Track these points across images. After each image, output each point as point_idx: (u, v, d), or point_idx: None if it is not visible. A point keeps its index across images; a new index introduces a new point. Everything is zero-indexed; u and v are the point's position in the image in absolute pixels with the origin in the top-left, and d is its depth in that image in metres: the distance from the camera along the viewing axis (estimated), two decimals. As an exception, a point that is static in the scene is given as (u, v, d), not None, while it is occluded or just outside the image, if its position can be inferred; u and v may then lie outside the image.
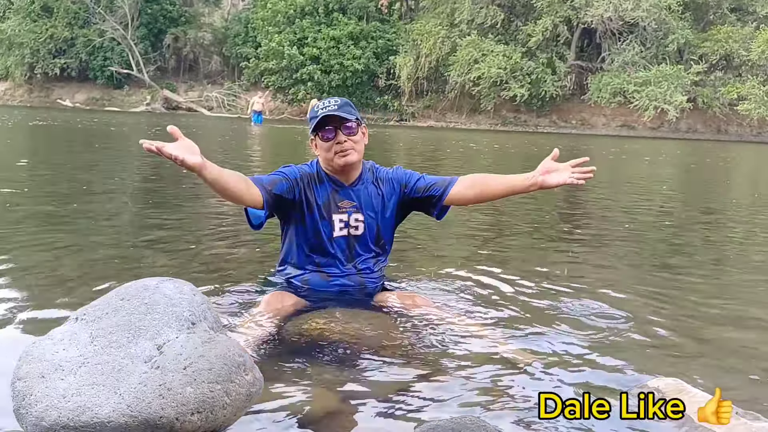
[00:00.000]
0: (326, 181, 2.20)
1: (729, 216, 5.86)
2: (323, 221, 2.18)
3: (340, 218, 2.20)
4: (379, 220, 2.24)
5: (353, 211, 2.21)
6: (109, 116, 26.20)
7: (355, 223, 2.22)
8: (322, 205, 2.18)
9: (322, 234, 2.18)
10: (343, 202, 2.20)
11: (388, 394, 1.61)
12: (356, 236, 2.22)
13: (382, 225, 2.26)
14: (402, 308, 2.17)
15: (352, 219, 2.21)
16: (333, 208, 2.19)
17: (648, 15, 30.78)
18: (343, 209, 2.20)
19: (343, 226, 2.20)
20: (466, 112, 34.50)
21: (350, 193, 2.21)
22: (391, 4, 36.37)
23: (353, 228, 2.22)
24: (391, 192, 2.25)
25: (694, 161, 15.02)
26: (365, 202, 2.22)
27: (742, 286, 3.06)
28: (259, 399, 1.49)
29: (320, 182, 2.20)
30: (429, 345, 1.92)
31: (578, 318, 2.26)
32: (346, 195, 2.21)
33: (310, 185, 2.18)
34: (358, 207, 2.21)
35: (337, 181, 2.20)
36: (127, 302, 1.50)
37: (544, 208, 5.76)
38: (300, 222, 2.19)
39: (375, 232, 2.25)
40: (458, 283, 2.65)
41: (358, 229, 2.22)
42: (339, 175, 2.19)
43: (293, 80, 34.71)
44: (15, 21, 37.50)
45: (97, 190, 5.50)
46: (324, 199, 2.19)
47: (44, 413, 1.27)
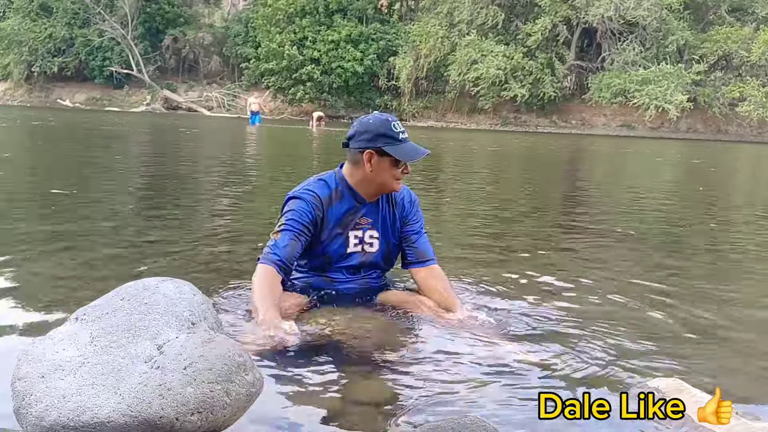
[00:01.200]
0: (348, 196, 2.18)
1: (736, 216, 5.87)
2: (338, 237, 2.19)
3: (356, 234, 2.21)
4: (390, 238, 2.26)
5: (368, 228, 2.22)
6: (109, 116, 26.21)
7: (370, 240, 2.23)
8: (340, 221, 2.18)
9: (332, 256, 2.20)
10: (362, 219, 2.21)
11: (389, 394, 1.61)
12: (370, 253, 2.24)
13: (392, 243, 2.28)
14: (403, 308, 2.17)
15: (367, 236, 2.23)
16: (350, 224, 2.20)
17: (649, 14, 30.79)
18: (359, 226, 2.21)
19: (357, 243, 2.22)
20: (466, 112, 34.51)
21: (369, 210, 2.22)
22: (390, 5, 36.36)
23: (368, 245, 2.23)
24: (400, 213, 2.27)
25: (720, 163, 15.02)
26: (381, 220, 2.24)
27: (742, 286, 3.06)
28: (259, 399, 1.49)
29: (341, 198, 2.18)
30: (429, 345, 1.92)
31: (578, 318, 2.26)
32: (365, 211, 2.21)
33: (330, 205, 2.16)
34: (374, 224, 2.23)
35: (359, 198, 2.19)
36: (127, 302, 1.50)
37: (544, 208, 5.76)
38: (313, 245, 2.18)
39: (386, 250, 2.27)
40: (459, 283, 2.65)
41: (372, 246, 2.24)
42: (368, 193, 2.19)
43: (293, 80, 34.72)
44: (15, 20, 37.50)
45: (97, 190, 5.50)
46: (341, 213, 2.18)
47: (44, 413, 1.27)
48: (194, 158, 10.08)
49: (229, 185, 6.30)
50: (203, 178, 7.15)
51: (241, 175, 7.40)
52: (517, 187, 7.99)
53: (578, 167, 12.31)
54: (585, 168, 12.22)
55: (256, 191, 6.13)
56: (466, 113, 34.38)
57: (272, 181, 7.14)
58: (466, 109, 34.36)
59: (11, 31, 36.90)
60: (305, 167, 9.33)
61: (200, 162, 9.36)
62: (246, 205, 5.07)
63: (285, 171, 8.46)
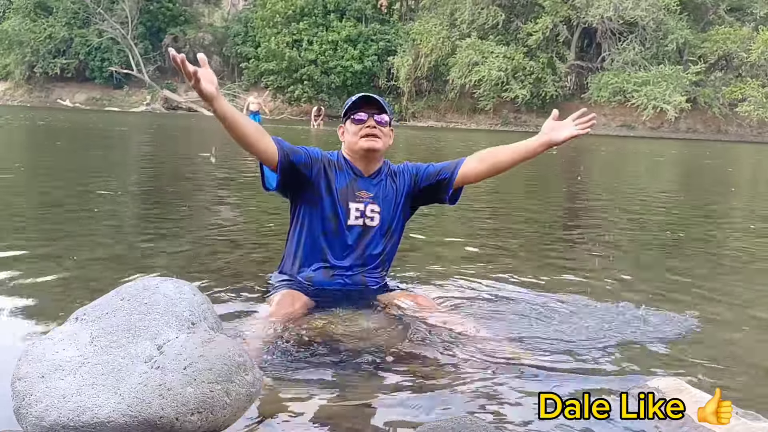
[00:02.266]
0: (346, 169, 2.24)
1: (737, 215, 5.87)
2: (340, 206, 2.22)
3: (357, 207, 2.23)
4: (392, 212, 2.29)
5: (369, 201, 2.25)
6: (110, 116, 26.19)
7: (371, 213, 2.25)
8: (340, 190, 2.22)
9: (339, 217, 2.21)
10: (361, 192, 2.24)
11: (389, 394, 1.61)
12: (370, 227, 2.26)
13: (395, 218, 2.30)
14: (404, 309, 2.17)
15: (368, 209, 2.25)
16: (350, 196, 2.23)
17: (647, 14, 30.79)
18: (359, 199, 2.24)
19: (358, 216, 2.24)
20: (467, 112, 34.50)
21: (368, 184, 2.25)
22: (390, 5, 36.35)
23: (368, 219, 2.25)
24: (403, 184, 2.30)
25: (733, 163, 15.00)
26: (382, 195, 2.27)
27: (742, 286, 3.06)
28: (259, 399, 1.49)
29: (340, 169, 2.24)
30: (430, 345, 1.92)
31: (578, 318, 2.25)
32: (364, 185, 2.25)
33: (331, 168, 2.23)
34: (375, 198, 2.25)
35: (356, 170, 2.24)
36: (127, 302, 1.50)
37: (545, 207, 5.76)
38: (317, 204, 2.21)
39: (387, 226, 2.29)
40: (458, 283, 2.65)
41: (373, 220, 2.26)
42: (360, 163, 2.24)
43: (293, 80, 34.72)
44: (15, 20, 37.47)
45: (97, 190, 5.50)
46: (342, 185, 2.23)
47: (44, 413, 1.27)
48: (195, 158, 10.07)
49: (230, 185, 6.30)
50: (203, 178, 7.14)
51: (241, 175, 7.40)
52: (516, 186, 7.99)
53: (598, 167, 12.32)
54: (596, 168, 12.23)
55: (257, 191, 6.12)
56: (466, 113, 34.38)
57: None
58: (466, 109, 34.35)
59: (12, 31, 36.88)
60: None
61: (200, 161, 9.36)
62: (246, 206, 5.07)
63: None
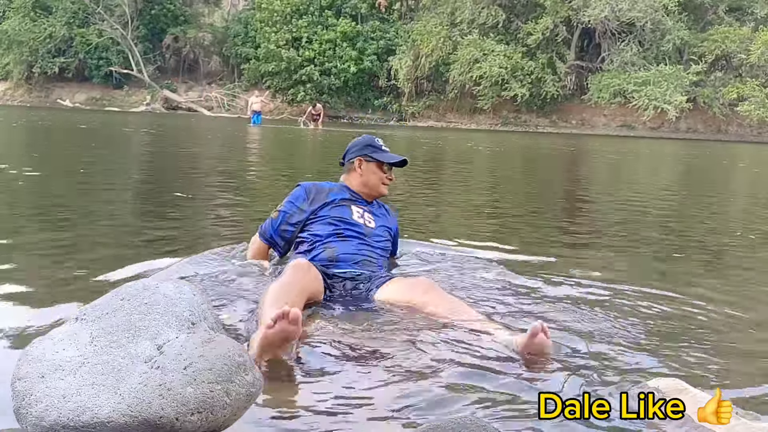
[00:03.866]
0: (348, 193, 2.62)
1: (736, 215, 5.87)
2: (343, 207, 2.55)
3: (357, 210, 2.57)
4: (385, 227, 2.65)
5: (367, 211, 2.61)
6: (110, 116, 26.19)
7: (369, 219, 2.58)
8: (341, 199, 2.57)
9: (344, 215, 2.53)
10: (359, 206, 2.60)
11: (389, 394, 1.61)
12: (370, 227, 2.56)
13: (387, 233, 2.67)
14: (404, 305, 2.17)
15: (366, 216, 2.58)
16: (351, 203, 2.59)
17: (644, 15, 30.78)
18: (359, 206, 2.60)
19: (359, 215, 2.56)
20: (467, 112, 34.48)
21: (366, 203, 2.65)
22: (390, 4, 36.32)
23: (368, 221, 2.57)
24: (392, 220, 2.75)
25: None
26: (377, 213, 2.66)
27: (742, 286, 3.06)
28: (259, 399, 1.49)
29: (341, 189, 2.62)
30: (430, 344, 1.92)
31: (578, 317, 2.25)
32: (362, 204, 2.63)
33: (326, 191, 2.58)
34: (371, 213, 2.62)
35: (357, 196, 2.63)
36: (127, 302, 1.50)
37: (545, 207, 5.76)
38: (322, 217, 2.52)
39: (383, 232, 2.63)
40: (459, 283, 2.65)
41: (371, 223, 2.58)
42: (365, 196, 2.64)
43: (293, 81, 34.74)
44: (15, 20, 37.44)
45: (97, 190, 5.50)
46: (342, 197, 2.59)
47: (44, 413, 1.27)
48: (195, 158, 10.08)
49: (232, 186, 6.30)
50: (206, 177, 7.14)
51: (242, 174, 7.40)
52: (518, 186, 7.99)
53: (607, 167, 12.32)
54: (605, 168, 12.23)
55: (257, 192, 6.13)
56: (466, 113, 34.36)
57: (273, 181, 7.14)
58: (466, 109, 34.33)
59: (12, 31, 36.86)
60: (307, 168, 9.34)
61: (201, 162, 9.36)
62: (249, 207, 5.07)
63: (286, 171, 8.46)
